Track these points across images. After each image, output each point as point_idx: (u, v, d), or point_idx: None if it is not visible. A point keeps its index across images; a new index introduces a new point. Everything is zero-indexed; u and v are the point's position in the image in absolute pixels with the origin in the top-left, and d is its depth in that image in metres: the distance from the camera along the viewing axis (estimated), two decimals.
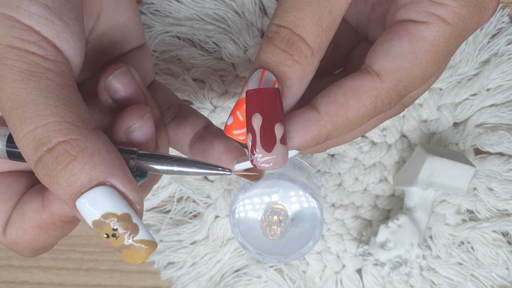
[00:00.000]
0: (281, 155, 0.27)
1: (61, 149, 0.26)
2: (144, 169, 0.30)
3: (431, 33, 0.28)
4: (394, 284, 0.52)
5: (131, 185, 0.27)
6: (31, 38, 0.26)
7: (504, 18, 0.49)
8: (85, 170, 0.26)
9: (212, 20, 0.50)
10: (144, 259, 0.28)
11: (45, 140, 0.26)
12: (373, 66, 0.29)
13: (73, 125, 0.26)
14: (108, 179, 0.26)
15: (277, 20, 0.28)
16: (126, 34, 0.36)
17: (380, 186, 0.52)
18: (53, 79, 0.26)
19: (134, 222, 0.27)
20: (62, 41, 0.27)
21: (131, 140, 0.31)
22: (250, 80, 0.28)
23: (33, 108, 0.26)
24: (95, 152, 0.26)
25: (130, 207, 0.27)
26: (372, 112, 0.29)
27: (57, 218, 0.30)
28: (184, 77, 0.50)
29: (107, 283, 0.54)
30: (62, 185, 0.26)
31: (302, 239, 0.44)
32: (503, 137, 0.49)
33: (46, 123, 0.26)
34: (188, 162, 0.30)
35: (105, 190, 0.26)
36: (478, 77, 0.49)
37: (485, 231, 0.51)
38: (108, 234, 0.27)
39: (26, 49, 0.26)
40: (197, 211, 0.53)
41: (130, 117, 0.30)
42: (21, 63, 0.26)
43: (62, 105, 0.26)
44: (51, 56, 0.27)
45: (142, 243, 0.27)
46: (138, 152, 0.30)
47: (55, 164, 0.26)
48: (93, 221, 0.27)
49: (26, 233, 0.30)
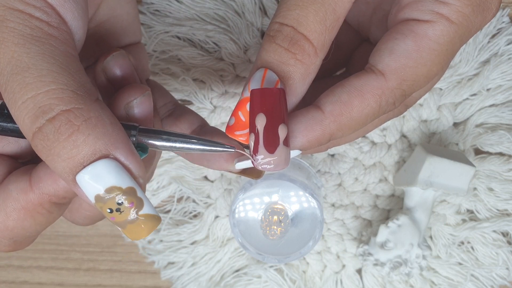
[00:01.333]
0: (284, 156, 0.27)
1: (63, 118, 0.24)
2: (144, 145, 0.29)
3: (435, 32, 0.28)
4: (394, 284, 0.52)
5: (134, 158, 0.26)
6: (36, 3, 0.25)
7: (504, 18, 0.49)
8: (88, 142, 0.24)
9: (212, 20, 0.50)
10: (147, 234, 0.27)
11: (47, 108, 0.24)
12: (377, 65, 0.29)
13: (76, 94, 0.25)
14: (112, 151, 0.25)
15: (279, 18, 0.28)
16: (125, 27, 0.36)
17: (380, 186, 0.52)
18: (57, 46, 0.25)
19: (139, 196, 0.26)
20: (67, 10, 0.26)
21: (131, 116, 0.30)
22: (251, 80, 0.28)
23: (35, 74, 0.24)
24: (99, 123, 0.25)
25: (134, 180, 0.26)
26: (376, 112, 0.29)
27: (46, 198, 0.28)
28: (184, 77, 0.50)
29: (107, 283, 0.54)
30: (63, 157, 0.24)
31: (302, 239, 0.44)
32: (503, 137, 0.50)
33: (48, 90, 0.24)
34: (190, 138, 0.29)
35: (109, 163, 0.25)
36: (478, 77, 0.49)
37: (485, 231, 0.51)
38: (112, 209, 0.26)
39: (30, 13, 0.25)
40: (197, 211, 0.53)
41: (131, 91, 0.30)
42: (24, 26, 0.25)
43: (65, 72, 0.25)
44: (55, 23, 0.26)
45: (146, 218, 0.26)
46: (139, 127, 0.29)
47: (56, 134, 0.24)
48: (95, 196, 0.25)
49: (9, 217, 0.28)
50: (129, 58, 0.32)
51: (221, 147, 0.29)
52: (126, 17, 0.36)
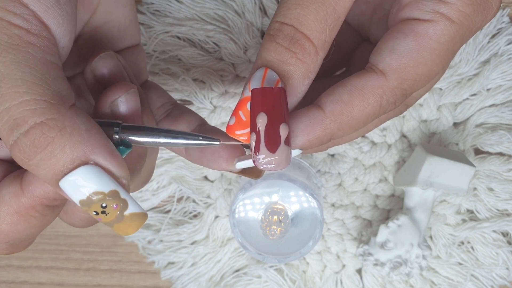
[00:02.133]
0: (285, 156, 0.27)
1: (37, 131, 0.24)
2: (128, 141, 0.29)
3: (436, 31, 0.28)
4: (394, 284, 0.52)
5: (115, 160, 0.26)
6: (17, 10, 0.25)
7: (504, 18, 0.49)
8: (65, 151, 0.25)
9: (212, 20, 0.50)
10: (135, 230, 0.28)
11: (20, 121, 0.24)
12: (378, 64, 0.28)
13: (50, 103, 0.25)
14: (90, 157, 0.25)
15: (280, 17, 0.28)
16: (122, 31, 0.36)
17: (380, 186, 0.52)
18: (34, 54, 0.25)
19: (123, 198, 0.27)
20: (50, 17, 0.26)
21: (116, 114, 0.30)
22: (252, 79, 0.28)
23: (9, 84, 0.24)
24: (74, 132, 0.25)
25: (117, 182, 0.26)
26: (377, 111, 0.29)
27: (38, 201, 0.28)
28: (184, 77, 0.50)
29: (107, 283, 0.54)
30: (43, 167, 0.25)
31: (302, 239, 0.44)
32: (503, 137, 0.50)
33: (21, 101, 0.24)
34: (175, 133, 0.29)
35: (89, 169, 0.25)
36: (478, 77, 0.49)
37: (485, 231, 0.51)
38: (98, 212, 0.26)
39: (9, 20, 0.25)
40: (197, 211, 0.53)
41: (115, 90, 0.30)
42: (2, 34, 0.25)
43: (40, 81, 0.25)
44: (35, 30, 0.26)
45: (132, 216, 0.27)
46: (122, 124, 0.29)
47: (32, 148, 0.25)
48: (80, 201, 0.26)
49: (3, 221, 0.28)
50: (118, 58, 0.32)
51: (205, 140, 0.30)
52: (123, 21, 0.36)
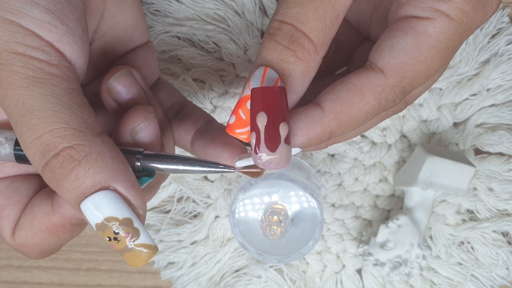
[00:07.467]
0: (285, 155, 0.27)
1: (66, 154, 0.26)
2: (151, 169, 0.30)
3: (435, 29, 0.28)
4: (394, 284, 0.52)
5: (134, 190, 0.28)
6: (34, 43, 0.27)
7: (504, 18, 0.49)
8: (89, 175, 0.26)
9: (212, 20, 0.50)
10: (145, 262, 0.28)
11: (51, 146, 0.26)
12: (377, 62, 0.28)
13: (78, 131, 0.27)
14: (111, 183, 0.27)
15: (279, 16, 0.28)
16: (130, 32, 0.36)
17: (380, 186, 0.52)
18: (58, 85, 0.27)
19: (136, 227, 0.28)
20: (64, 44, 0.28)
21: (137, 141, 0.31)
22: (252, 78, 0.28)
23: (39, 115, 0.26)
24: (99, 157, 0.27)
25: (133, 211, 0.28)
26: (376, 109, 0.29)
27: (67, 221, 0.30)
28: (184, 77, 0.50)
29: (107, 283, 0.54)
30: (68, 188, 0.27)
31: (302, 239, 0.43)
32: (503, 137, 0.50)
33: (52, 129, 0.26)
34: (192, 161, 0.31)
35: (108, 194, 0.27)
36: (478, 77, 0.49)
37: (485, 231, 0.51)
38: (110, 237, 0.28)
39: (30, 55, 0.27)
40: (197, 211, 0.53)
41: (134, 118, 0.31)
42: (26, 69, 0.26)
43: (67, 110, 0.27)
44: (54, 61, 0.27)
45: (143, 247, 0.28)
46: (143, 152, 0.30)
47: (60, 168, 0.26)
48: (96, 224, 0.27)
49: (36, 235, 0.31)
50: (133, 73, 0.33)
51: (221, 168, 0.31)
52: (130, 21, 0.36)
